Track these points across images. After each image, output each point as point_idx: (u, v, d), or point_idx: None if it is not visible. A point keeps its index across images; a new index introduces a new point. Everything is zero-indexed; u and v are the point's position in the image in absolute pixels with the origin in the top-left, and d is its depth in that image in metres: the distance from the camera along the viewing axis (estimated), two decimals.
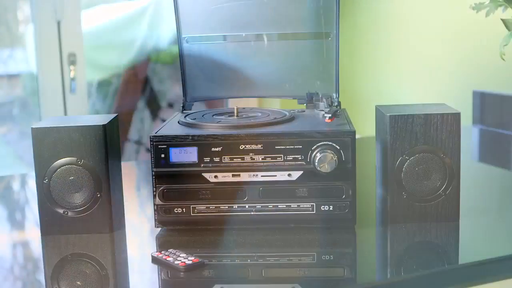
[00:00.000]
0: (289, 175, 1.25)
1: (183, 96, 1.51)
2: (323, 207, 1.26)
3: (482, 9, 1.55)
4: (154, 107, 4.89)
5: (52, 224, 1.28)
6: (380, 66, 2.72)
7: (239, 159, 1.25)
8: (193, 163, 1.25)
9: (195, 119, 1.36)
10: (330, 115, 1.30)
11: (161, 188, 1.27)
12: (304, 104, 1.49)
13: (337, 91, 1.45)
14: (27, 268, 1.22)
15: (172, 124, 1.36)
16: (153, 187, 1.27)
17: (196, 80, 1.52)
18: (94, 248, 1.24)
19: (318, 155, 1.22)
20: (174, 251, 1.16)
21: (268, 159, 1.25)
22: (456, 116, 1.27)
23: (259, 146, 1.24)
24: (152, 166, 1.26)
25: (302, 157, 1.24)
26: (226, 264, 1.17)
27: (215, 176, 1.25)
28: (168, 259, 1.13)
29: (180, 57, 1.50)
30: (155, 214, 1.28)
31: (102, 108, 4.75)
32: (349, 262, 1.18)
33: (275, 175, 1.25)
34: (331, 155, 1.22)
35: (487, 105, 2.22)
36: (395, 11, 2.61)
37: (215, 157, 1.25)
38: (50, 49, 2.75)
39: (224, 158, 1.25)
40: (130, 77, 4.62)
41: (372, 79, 2.76)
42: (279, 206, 1.26)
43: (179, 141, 1.25)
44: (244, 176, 1.25)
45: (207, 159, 1.25)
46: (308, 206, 1.26)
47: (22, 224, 1.49)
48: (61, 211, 1.28)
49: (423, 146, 1.27)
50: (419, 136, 1.27)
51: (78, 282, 1.11)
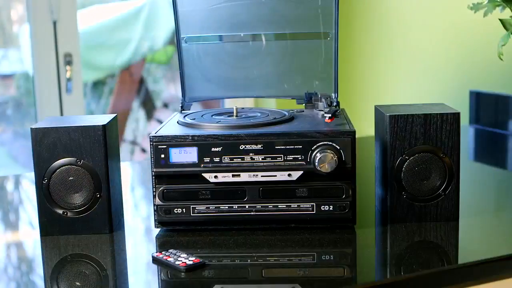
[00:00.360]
0: (289, 175, 1.25)
1: (182, 96, 1.51)
2: (323, 207, 1.26)
3: (480, 9, 1.56)
4: (149, 107, 4.88)
5: (51, 224, 1.28)
6: (377, 66, 2.73)
7: (239, 159, 1.24)
8: (193, 163, 1.25)
9: (194, 119, 1.36)
10: (330, 115, 1.30)
11: (161, 189, 1.27)
12: (303, 104, 1.49)
13: (336, 91, 1.45)
14: (26, 269, 1.21)
15: (171, 124, 1.36)
16: (153, 187, 1.27)
17: (195, 80, 1.52)
18: (94, 248, 1.24)
19: (318, 155, 1.22)
20: (174, 251, 1.16)
21: (268, 159, 1.24)
22: (455, 116, 1.27)
23: (259, 146, 1.24)
24: (152, 166, 1.26)
25: (302, 157, 1.24)
26: (226, 264, 1.16)
27: (215, 176, 1.25)
28: (168, 259, 1.13)
29: (178, 57, 1.49)
30: (155, 215, 1.28)
31: (96, 109, 4.75)
32: (349, 262, 1.18)
33: (275, 175, 1.25)
34: (331, 155, 1.22)
35: (482, 104, 2.23)
36: (393, 11, 2.61)
37: (215, 157, 1.24)
38: (46, 49, 2.75)
39: (224, 158, 1.24)
40: (125, 77, 4.61)
41: (369, 79, 2.77)
42: (279, 206, 1.26)
43: (179, 141, 1.25)
44: (244, 176, 1.25)
45: (207, 159, 1.25)
46: (308, 206, 1.26)
47: (20, 225, 1.49)
48: (60, 211, 1.28)
49: (423, 146, 1.28)
50: (418, 135, 1.27)
51: (78, 283, 1.11)
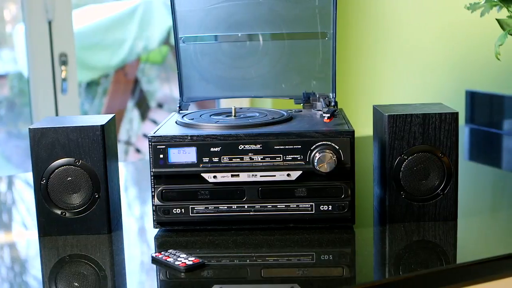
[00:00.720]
0: (288, 175, 1.25)
1: (180, 96, 1.51)
2: (322, 207, 1.26)
3: (477, 9, 1.55)
4: (144, 108, 4.88)
5: (49, 225, 1.28)
6: (373, 66, 2.73)
7: (238, 159, 1.24)
8: (192, 163, 1.25)
9: (193, 119, 1.36)
10: (328, 115, 1.30)
11: (159, 189, 1.26)
12: (301, 104, 1.49)
13: (334, 91, 1.45)
14: (24, 269, 1.21)
15: (169, 124, 1.36)
16: (151, 187, 1.27)
17: (193, 80, 1.52)
18: (92, 249, 1.23)
19: (317, 155, 1.22)
20: (174, 251, 1.16)
21: (267, 159, 1.24)
22: (454, 116, 1.27)
23: (258, 146, 1.24)
24: (150, 166, 1.25)
25: (301, 157, 1.24)
26: (225, 264, 1.16)
27: (214, 176, 1.25)
28: (168, 259, 1.13)
29: (176, 57, 1.49)
30: (153, 215, 1.28)
31: (90, 109, 4.74)
32: (348, 262, 1.18)
33: (274, 175, 1.25)
34: (330, 155, 1.22)
35: (478, 104, 2.23)
36: (390, 11, 2.62)
37: (214, 157, 1.24)
38: (41, 49, 2.74)
39: (223, 158, 1.24)
40: (120, 77, 4.61)
41: (365, 79, 2.77)
42: (278, 206, 1.26)
43: (178, 141, 1.25)
44: (243, 176, 1.25)
45: (206, 159, 1.24)
46: (307, 206, 1.26)
47: (16, 226, 1.48)
48: (58, 212, 1.27)
49: (421, 145, 1.28)
50: (417, 135, 1.28)
51: (76, 284, 1.11)
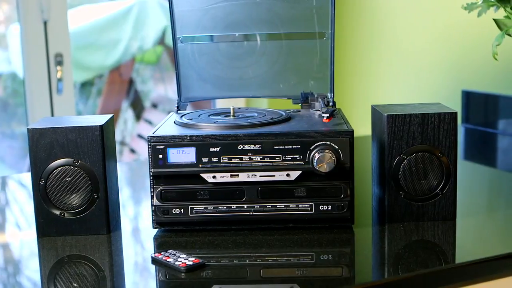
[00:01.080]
0: (287, 175, 1.24)
1: (178, 96, 1.51)
2: (321, 207, 1.26)
3: (474, 9, 1.56)
4: (138, 108, 4.87)
5: (48, 225, 1.27)
6: (370, 66, 2.73)
7: (238, 159, 1.24)
8: (191, 163, 1.25)
9: (191, 119, 1.36)
10: (327, 115, 1.31)
11: (159, 189, 1.26)
12: (299, 104, 1.49)
13: (332, 91, 1.45)
14: (23, 270, 1.21)
15: (168, 124, 1.35)
16: (150, 187, 1.27)
17: (191, 80, 1.52)
18: (91, 249, 1.23)
19: (317, 155, 1.22)
20: (174, 251, 1.16)
21: (267, 159, 1.24)
22: (453, 115, 1.27)
23: (257, 146, 1.24)
24: (149, 166, 1.25)
25: (300, 157, 1.24)
26: (224, 264, 1.16)
27: (214, 177, 1.25)
28: (168, 260, 1.13)
29: (174, 57, 1.49)
30: (152, 215, 1.27)
31: (84, 109, 4.73)
32: (347, 261, 1.18)
33: (274, 175, 1.25)
34: (330, 154, 1.22)
35: (473, 104, 2.24)
36: (387, 11, 2.62)
37: (213, 157, 1.24)
38: (36, 49, 2.73)
39: (222, 158, 1.24)
40: (114, 77, 4.60)
41: (361, 79, 2.77)
42: (277, 206, 1.26)
43: (177, 141, 1.25)
44: (243, 176, 1.25)
45: (205, 160, 1.24)
46: (306, 206, 1.26)
47: (12, 227, 1.47)
48: (57, 212, 1.27)
49: (420, 145, 1.28)
50: (416, 135, 1.28)
51: (75, 284, 1.11)
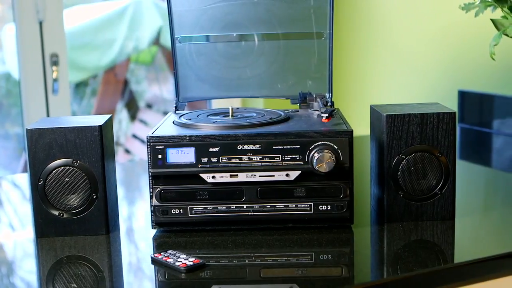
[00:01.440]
0: (287, 175, 1.24)
1: (176, 96, 1.51)
2: (321, 207, 1.26)
3: (472, 9, 1.56)
4: (133, 108, 4.87)
5: (47, 226, 1.27)
6: (367, 66, 2.73)
7: (237, 159, 1.24)
8: (190, 163, 1.24)
9: (190, 119, 1.36)
10: (327, 115, 1.31)
11: (158, 189, 1.26)
12: (297, 104, 1.50)
13: (330, 91, 1.45)
14: (21, 271, 1.20)
15: (167, 124, 1.35)
16: (150, 188, 1.26)
17: (189, 80, 1.52)
18: (90, 250, 1.23)
19: (316, 155, 1.22)
20: (173, 252, 1.16)
21: (266, 159, 1.24)
22: (451, 115, 1.28)
23: (257, 146, 1.24)
24: (149, 167, 1.25)
25: (300, 157, 1.24)
26: (224, 264, 1.16)
27: (213, 177, 1.25)
28: (168, 260, 1.13)
29: (173, 57, 1.49)
30: (152, 215, 1.27)
31: (78, 110, 4.72)
32: (347, 261, 1.18)
33: (273, 175, 1.25)
34: (329, 154, 1.22)
35: (469, 104, 2.24)
36: (383, 11, 2.62)
37: (212, 157, 1.24)
38: (32, 49, 2.72)
39: (221, 158, 1.24)
40: (109, 78, 4.59)
41: (357, 79, 2.77)
42: (277, 206, 1.26)
43: (176, 141, 1.24)
44: (242, 177, 1.25)
45: (204, 160, 1.24)
46: (306, 206, 1.26)
47: (9, 227, 1.47)
48: (56, 213, 1.27)
49: (419, 145, 1.28)
50: (415, 135, 1.28)
51: (74, 285, 1.10)
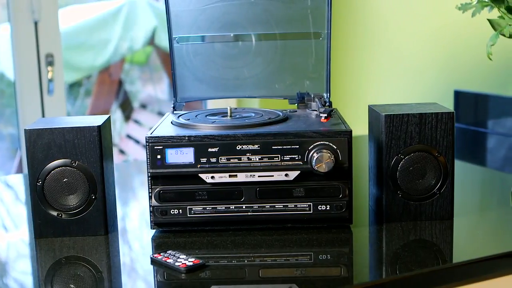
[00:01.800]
0: (286, 175, 1.25)
1: (174, 96, 1.51)
2: (320, 207, 1.26)
3: (469, 9, 1.56)
4: (127, 108, 4.86)
5: (45, 226, 1.27)
6: (363, 66, 2.74)
7: (236, 160, 1.24)
8: (189, 164, 1.24)
9: (189, 119, 1.36)
10: (326, 115, 1.31)
11: (157, 190, 1.26)
12: (295, 104, 1.50)
13: (328, 91, 1.45)
14: (20, 271, 1.20)
15: (165, 125, 1.35)
16: (148, 188, 1.26)
17: (186, 80, 1.51)
18: (89, 250, 1.23)
19: (315, 155, 1.22)
20: (173, 252, 1.16)
21: (265, 159, 1.24)
22: (450, 115, 1.28)
23: (256, 147, 1.24)
24: (148, 167, 1.25)
25: (299, 157, 1.24)
26: (223, 264, 1.16)
27: (212, 177, 1.25)
28: (168, 260, 1.12)
29: (170, 57, 1.49)
30: (151, 216, 1.27)
31: (72, 110, 4.71)
32: (346, 261, 1.18)
33: (272, 175, 1.25)
34: (328, 154, 1.22)
35: (465, 104, 2.25)
36: (381, 12, 2.62)
37: (211, 157, 1.24)
38: (27, 50, 2.71)
39: (221, 158, 1.24)
40: (104, 78, 4.58)
41: (354, 78, 2.77)
42: (276, 206, 1.26)
43: (176, 141, 1.24)
44: (241, 177, 1.25)
45: (203, 160, 1.24)
46: (305, 206, 1.26)
47: (1, 228, 1.47)
48: (55, 213, 1.26)
49: (418, 145, 1.28)
50: (414, 135, 1.28)
51: (73, 286, 1.10)
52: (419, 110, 1.30)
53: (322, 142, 1.24)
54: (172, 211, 1.26)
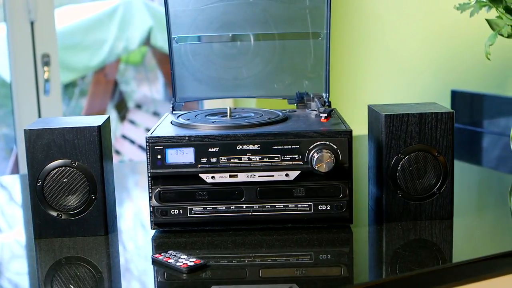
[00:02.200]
0: (286, 175, 1.25)
1: (173, 96, 1.50)
2: (320, 207, 1.26)
3: (467, 9, 1.57)
4: (123, 109, 4.85)
5: (45, 227, 1.27)
6: (360, 66, 2.74)
7: (236, 160, 1.24)
8: (189, 164, 1.24)
9: (189, 119, 1.35)
10: (325, 115, 1.31)
11: (157, 190, 1.26)
12: (294, 104, 1.50)
13: (327, 91, 1.46)
14: (20, 272, 1.20)
15: (165, 125, 1.35)
16: (149, 188, 1.26)
17: (185, 80, 1.51)
18: (89, 251, 1.22)
19: (316, 155, 1.22)
20: (174, 252, 1.16)
21: (266, 159, 1.24)
22: (450, 115, 1.28)
23: (256, 147, 1.24)
24: (148, 167, 1.25)
25: (299, 157, 1.24)
26: (223, 264, 1.16)
27: (212, 177, 1.24)
28: (169, 261, 1.12)
29: (170, 57, 1.49)
30: (151, 216, 1.27)
31: (67, 110, 4.70)
32: (346, 261, 1.18)
33: (273, 175, 1.25)
34: (329, 154, 1.22)
35: (462, 104, 2.25)
36: (380, 12, 2.63)
37: (212, 157, 1.24)
38: (23, 50, 2.71)
39: (221, 158, 1.24)
40: (100, 78, 4.58)
41: (351, 78, 2.78)
42: (276, 206, 1.26)
43: (176, 141, 1.24)
44: (241, 177, 1.24)
45: (204, 160, 1.24)
46: (305, 205, 1.26)
47: (6, 228, 1.46)
48: (54, 213, 1.26)
49: (418, 145, 1.29)
50: (414, 135, 1.28)
51: (72, 286, 1.10)
52: (419, 109, 1.30)
53: (322, 142, 1.24)
54: (173, 211, 1.26)
